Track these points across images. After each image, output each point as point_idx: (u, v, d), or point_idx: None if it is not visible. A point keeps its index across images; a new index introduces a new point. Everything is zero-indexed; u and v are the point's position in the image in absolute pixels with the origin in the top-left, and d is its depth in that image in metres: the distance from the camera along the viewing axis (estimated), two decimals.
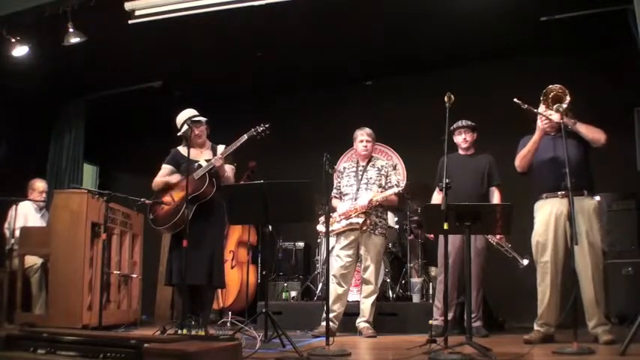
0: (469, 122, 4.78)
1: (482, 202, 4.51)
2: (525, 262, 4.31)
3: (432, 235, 4.89)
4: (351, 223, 4.64)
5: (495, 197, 4.66)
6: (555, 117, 3.77)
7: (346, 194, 4.83)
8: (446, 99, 3.49)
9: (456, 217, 3.36)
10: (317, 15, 5.36)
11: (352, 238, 4.68)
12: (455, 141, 4.84)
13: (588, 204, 3.85)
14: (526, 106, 3.93)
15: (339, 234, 4.71)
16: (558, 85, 3.77)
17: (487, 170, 4.70)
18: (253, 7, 4.77)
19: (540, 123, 3.93)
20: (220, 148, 4.39)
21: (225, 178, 4.35)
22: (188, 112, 4.39)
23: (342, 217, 4.69)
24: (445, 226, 3.26)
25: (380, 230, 4.72)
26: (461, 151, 4.85)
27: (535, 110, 3.92)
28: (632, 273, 5.05)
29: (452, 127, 4.80)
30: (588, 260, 3.72)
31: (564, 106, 3.68)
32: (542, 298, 3.89)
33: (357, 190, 4.77)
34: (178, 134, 4.37)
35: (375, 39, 5.97)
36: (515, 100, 3.93)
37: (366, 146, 4.84)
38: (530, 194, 4.12)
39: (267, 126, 4.28)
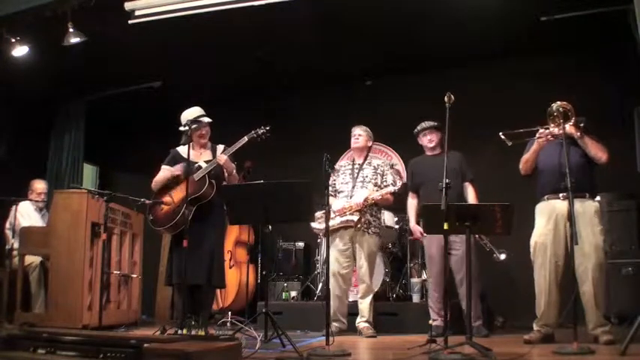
0: (433, 122, 4.80)
1: (459, 199, 4.54)
2: (503, 256, 4.33)
3: (418, 236, 4.85)
4: (345, 221, 4.64)
5: (470, 192, 4.67)
6: (557, 130, 3.80)
7: (341, 192, 4.83)
8: (446, 99, 3.49)
9: (456, 217, 3.36)
10: (317, 15, 5.35)
11: (347, 237, 4.69)
12: (421, 143, 4.89)
13: (589, 206, 3.86)
14: (511, 143, 4.01)
15: (333, 232, 4.68)
16: (562, 103, 3.78)
17: (459, 167, 4.71)
18: (254, 7, 4.77)
19: (540, 139, 3.96)
20: (220, 147, 4.38)
21: (232, 177, 4.35)
22: (194, 111, 4.35)
23: (337, 214, 4.68)
24: (445, 226, 3.26)
25: (373, 229, 4.72)
26: (428, 152, 4.87)
27: (525, 137, 3.98)
28: (632, 273, 5.05)
29: (416, 130, 4.87)
30: (591, 262, 3.71)
31: (570, 123, 3.75)
32: (540, 300, 3.89)
33: (353, 187, 4.77)
34: (181, 129, 4.29)
35: (375, 39, 5.96)
36: (500, 134, 4.00)
37: (357, 139, 4.86)
38: (531, 195, 4.12)
39: (267, 129, 4.27)
